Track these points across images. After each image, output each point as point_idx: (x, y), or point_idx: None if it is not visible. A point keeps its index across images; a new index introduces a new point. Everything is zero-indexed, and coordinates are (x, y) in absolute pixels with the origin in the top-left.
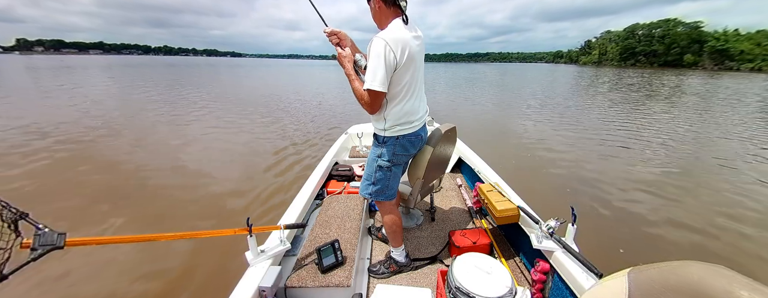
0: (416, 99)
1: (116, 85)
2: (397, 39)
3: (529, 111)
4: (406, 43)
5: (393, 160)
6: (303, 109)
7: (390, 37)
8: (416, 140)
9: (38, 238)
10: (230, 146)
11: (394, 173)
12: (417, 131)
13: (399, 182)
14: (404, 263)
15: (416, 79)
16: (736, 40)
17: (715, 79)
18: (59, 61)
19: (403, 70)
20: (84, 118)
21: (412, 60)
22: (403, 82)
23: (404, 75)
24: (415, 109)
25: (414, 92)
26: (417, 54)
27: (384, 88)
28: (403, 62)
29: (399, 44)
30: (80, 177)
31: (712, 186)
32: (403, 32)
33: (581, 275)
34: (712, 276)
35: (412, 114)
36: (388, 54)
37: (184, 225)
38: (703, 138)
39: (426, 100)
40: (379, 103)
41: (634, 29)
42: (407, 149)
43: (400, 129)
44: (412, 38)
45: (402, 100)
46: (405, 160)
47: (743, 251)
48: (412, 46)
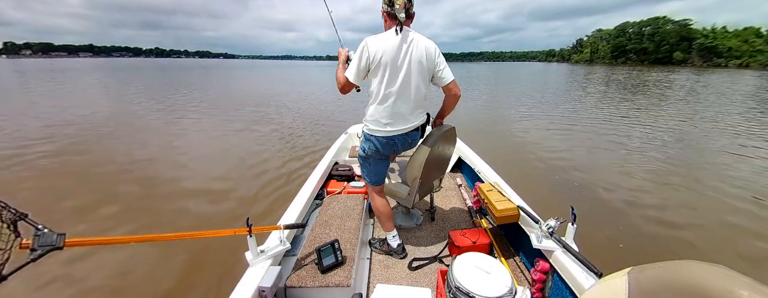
0: (389, 107)
1: (109, 88)
2: (377, 44)
3: (522, 108)
4: (382, 50)
5: (368, 154)
6: (302, 109)
7: (372, 40)
8: (387, 145)
9: (38, 238)
10: (229, 147)
11: (373, 164)
12: (389, 136)
13: (383, 173)
14: (395, 250)
15: (391, 88)
16: (724, 38)
17: (704, 75)
18: (48, 64)
19: (372, 75)
20: (76, 122)
21: (384, 68)
22: (373, 87)
23: (373, 79)
24: (387, 115)
25: (387, 99)
26: (393, 62)
27: (353, 77)
28: (373, 67)
29: (374, 48)
30: (82, 180)
31: (712, 182)
32: (387, 40)
33: (581, 274)
34: (712, 276)
35: (382, 119)
36: (364, 52)
37: (183, 225)
38: (701, 132)
39: (420, 112)
40: (347, 89)
41: (625, 27)
42: (378, 149)
43: (374, 129)
44: (393, 47)
45: (373, 103)
46: (379, 157)
47: (743, 250)
48: (390, 53)
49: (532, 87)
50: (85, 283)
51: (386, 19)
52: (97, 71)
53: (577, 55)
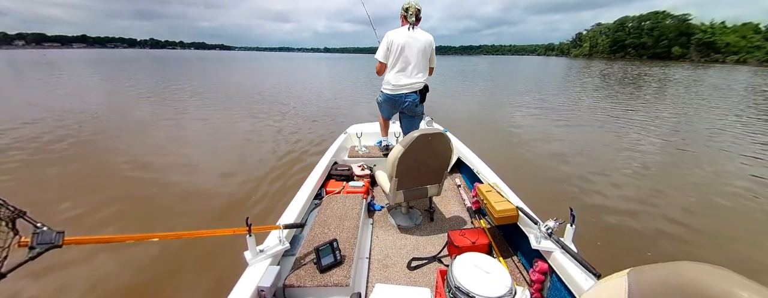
0: (397, 73)
1: (106, 81)
2: (392, 37)
3: (521, 104)
4: (395, 40)
5: (380, 103)
6: (301, 107)
7: (391, 33)
8: (389, 100)
9: (36, 236)
10: (228, 145)
11: (384, 108)
12: (391, 95)
13: (390, 112)
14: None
15: (399, 62)
16: (722, 33)
17: (702, 69)
18: (41, 55)
19: (390, 54)
20: (69, 114)
21: (397, 49)
22: (389, 62)
23: (390, 57)
24: (394, 80)
25: (396, 69)
26: (404, 46)
27: (381, 57)
28: (391, 50)
29: (391, 39)
30: (75, 177)
31: (712, 180)
32: (399, 34)
33: (580, 275)
34: (712, 277)
35: (390, 82)
36: (384, 42)
37: (182, 224)
38: (700, 128)
39: (416, 81)
40: (381, 69)
41: (624, 22)
42: (387, 102)
43: (383, 89)
44: (402, 37)
45: (388, 72)
46: (386, 107)
47: (743, 249)
48: (400, 41)
49: (530, 82)
50: (82, 283)
51: (402, 20)
52: (92, 66)
53: (576, 49)
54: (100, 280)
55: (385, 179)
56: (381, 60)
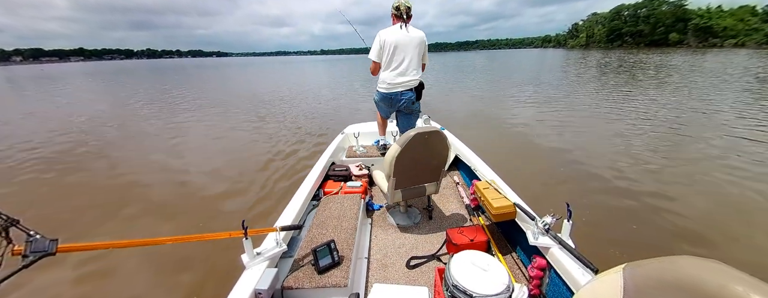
0: (392, 72)
1: (105, 92)
2: (384, 36)
3: (518, 98)
4: (387, 39)
5: (377, 102)
6: (299, 108)
7: (383, 32)
8: (385, 99)
9: (30, 245)
10: (224, 148)
11: (382, 107)
12: (387, 93)
13: (388, 111)
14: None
15: (393, 60)
16: (719, 17)
17: (701, 55)
18: (39, 70)
19: (383, 53)
20: (74, 128)
21: (390, 48)
22: (383, 60)
23: (383, 56)
24: (389, 78)
25: (391, 68)
26: (397, 45)
27: (374, 57)
28: (384, 49)
29: (384, 38)
30: (71, 184)
31: (711, 172)
32: (392, 32)
33: (577, 270)
34: (707, 271)
35: (385, 81)
36: (377, 41)
37: (178, 229)
38: (698, 119)
39: (411, 78)
40: (375, 69)
41: (620, 10)
42: (383, 101)
43: (378, 88)
44: (395, 35)
45: (383, 71)
46: (383, 106)
47: (741, 243)
48: (393, 40)
49: (527, 76)
50: (76, 289)
51: (394, 18)
52: (89, 78)
53: (573, 40)
54: (92, 285)
55: (383, 179)
56: (375, 59)
